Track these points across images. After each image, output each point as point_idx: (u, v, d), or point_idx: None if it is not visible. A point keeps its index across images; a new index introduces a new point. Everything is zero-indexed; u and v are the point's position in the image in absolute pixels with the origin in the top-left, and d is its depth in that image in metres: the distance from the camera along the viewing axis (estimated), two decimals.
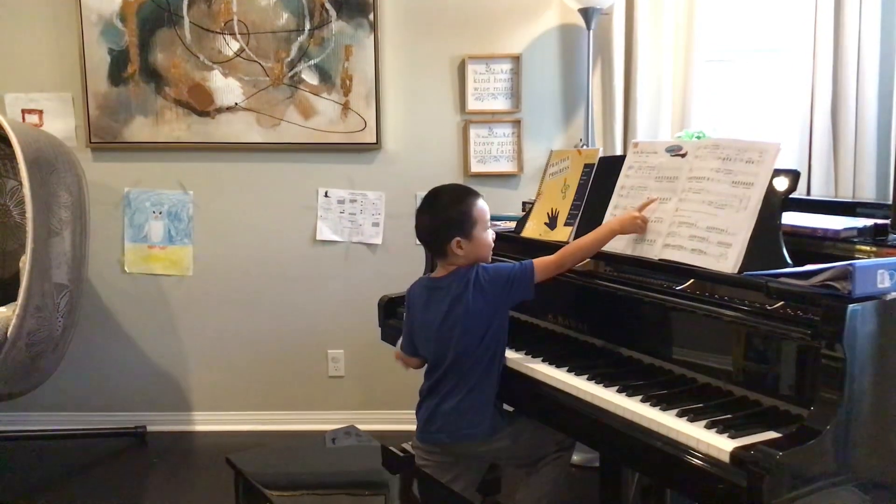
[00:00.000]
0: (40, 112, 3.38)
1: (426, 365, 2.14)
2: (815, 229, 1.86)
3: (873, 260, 1.59)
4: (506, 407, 2.17)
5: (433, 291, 2.08)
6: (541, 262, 1.99)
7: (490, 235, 2.09)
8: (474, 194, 2.09)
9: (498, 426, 2.04)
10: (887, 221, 1.81)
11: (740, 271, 1.69)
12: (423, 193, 2.16)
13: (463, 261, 2.04)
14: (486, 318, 1.99)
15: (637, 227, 1.96)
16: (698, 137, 2.79)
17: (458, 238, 2.01)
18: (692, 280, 1.76)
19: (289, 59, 3.31)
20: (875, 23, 2.96)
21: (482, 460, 2.17)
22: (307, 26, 3.29)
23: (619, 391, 1.78)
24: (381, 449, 2.24)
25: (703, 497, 1.54)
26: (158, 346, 3.54)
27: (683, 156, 1.97)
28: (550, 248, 2.16)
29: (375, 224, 3.44)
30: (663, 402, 1.68)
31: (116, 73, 3.33)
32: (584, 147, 3.08)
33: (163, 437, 3.47)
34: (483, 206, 2.08)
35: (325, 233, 3.45)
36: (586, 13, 3.02)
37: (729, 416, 1.59)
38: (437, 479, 2.05)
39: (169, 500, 2.93)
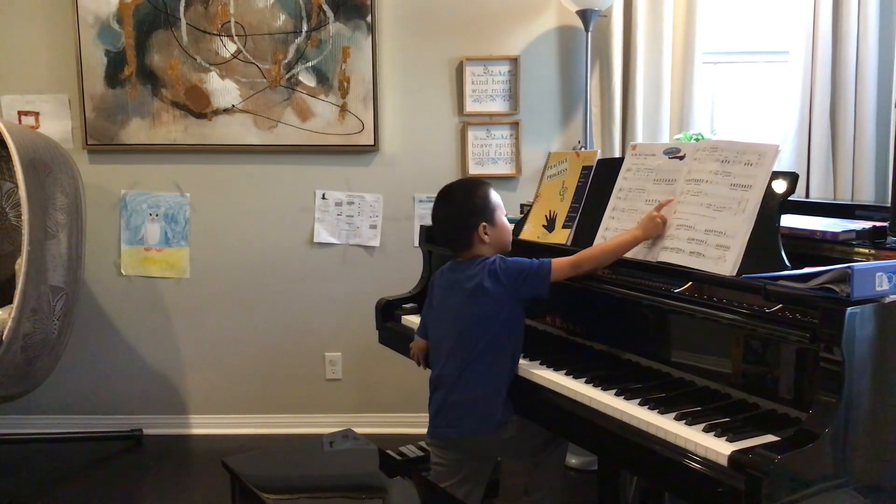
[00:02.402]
0: (37, 114, 3.38)
1: (435, 353, 2.14)
2: (813, 232, 1.85)
3: (872, 262, 1.58)
4: None
5: (454, 273, 2.10)
6: (558, 262, 1.97)
7: (508, 222, 2.14)
8: (487, 183, 2.16)
9: (506, 419, 2.03)
10: (886, 224, 1.80)
11: (739, 274, 1.69)
12: (421, 196, 2.17)
13: (489, 249, 2.07)
14: (496, 306, 1.98)
15: (657, 226, 1.90)
16: (697, 139, 2.79)
17: (485, 223, 2.05)
18: (690, 283, 1.75)
19: (286, 61, 3.31)
20: (873, 25, 2.97)
21: (490, 455, 2.17)
22: (304, 28, 3.29)
23: (617, 394, 1.78)
24: (378, 452, 2.24)
25: (701, 500, 1.53)
26: (155, 349, 3.53)
27: (682, 158, 1.96)
28: (548, 250, 2.16)
29: (373, 226, 3.43)
30: (661, 406, 1.67)
31: (113, 75, 3.32)
32: (583, 149, 3.07)
33: (159, 441, 3.46)
34: (496, 194, 2.13)
35: (322, 235, 3.44)
36: (584, 15, 3.01)
37: (727, 419, 1.58)
38: (442, 482, 2.04)
39: None
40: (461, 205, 2.09)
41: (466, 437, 2.04)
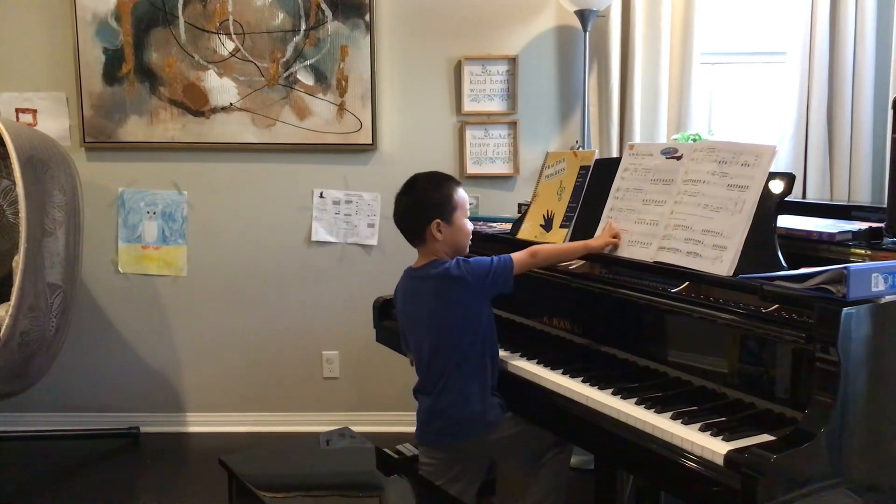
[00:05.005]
0: (34, 111, 3.37)
1: (417, 361, 2.13)
2: (810, 232, 1.86)
3: (868, 263, 1.59)
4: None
5: (412, 282, 2.08)
6: (517, 256, 2.00)
7: (469, 225, 2.09)
8: (455, 181, 2.11)
9: (498, 418, 2.02)
10: (882, 224, 1.80)
11: (735, 274, 1.69)
12: None
13: (442, 247, 2.04)
14: (467, 309, 1.98)
15: (607, 244, 2.03)
16: (694, 140, 2.79)
17: (439, 220, 2.01)
18: (687, 283, 1.76)
19: (284, 60, 3.31)
20: (871, 26, 2.97)
21: (484, 456, 2.16)
22: (303, 26, 3.28)
23: (613, 394, 1.78)
24: (374, 451, 2.24)
25: (697, 500, 1.54)
26: (152, 347, 3.53)
27: (679, 158, 1.97)
28: None
29: (371, 225, 3.43)
30: (658, 405, 1.68)
31: (111, 73, 3.32)
32: (581, 149, 3.08)
33: (156, 438, 3.46)
34: (463, 193, 2.08)
35: (320, 234, 3.44)
36: (582, 15, 3.02)
37: (723, 418, 1.59)
38: (434, 482, 2.05)
39: (162, 502, 2.92)
40: (421, 196, 2.05)
41: (460, 442, 2.04)
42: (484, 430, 2.01)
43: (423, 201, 2.04)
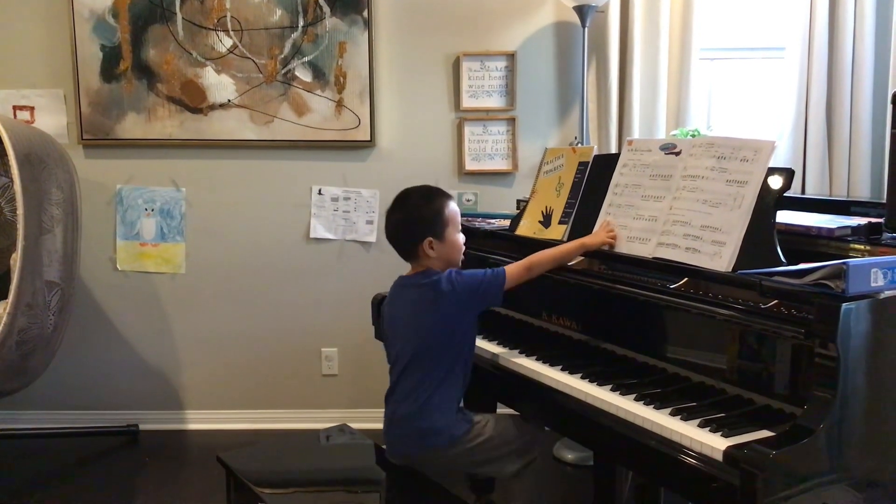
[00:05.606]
0: (32, 108, 3.36)
1: (392, 367, 2.08)
2: (809, 228, 1.85)
3: (867, 258, 1.58)
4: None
5: (402, 289, 2.06)
6: (511, 269, 1.99)
7: (461, 238, 2.07)
8: (446, 195, 2.07)
9: (459, 432, 1.99)
10: (881, 220, 1.80)
11: (734, 270, 1.69)
12: None
13: (435, 263, 2.01)
14: (454, 322, 1.96)
15: (603, 241, 2.03)
16: (693, 135, 2.79)
17: (431, 238, 1.99)
18: (686, 278, 1.76)
19: (282, 56, 3.30)
20: (870, 21, 2.97)
21: (449, 468, 2.08)
22: (301, 23, 3.28)
23: (612, 390, 1.78)
24: (373, 447, 2.24)
25: (696, 496, 1.54)
26: (150, 345, 3.53)
27: (678, 154, 1.96)
28: (544, 246, 2.16)
29: (369, 222, 3.43)
30: (657, 401, 1.67)
31: (108, 70, 3.31)
32: (579, 145, 3.08)
33: (155, 436, 3.45)
34: (455, 207, 2.06)
35: (318, 230, 3.44)
36: (581, 10, 3.01)
37: (722, 414, 1.59)
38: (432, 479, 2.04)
39: (161, 499, 2.92)
40: (412, 213, 2.02)
41: (419, 453, 1.99)
42: (445, 444, 1.97)
43: (414, 218, 2.01)
